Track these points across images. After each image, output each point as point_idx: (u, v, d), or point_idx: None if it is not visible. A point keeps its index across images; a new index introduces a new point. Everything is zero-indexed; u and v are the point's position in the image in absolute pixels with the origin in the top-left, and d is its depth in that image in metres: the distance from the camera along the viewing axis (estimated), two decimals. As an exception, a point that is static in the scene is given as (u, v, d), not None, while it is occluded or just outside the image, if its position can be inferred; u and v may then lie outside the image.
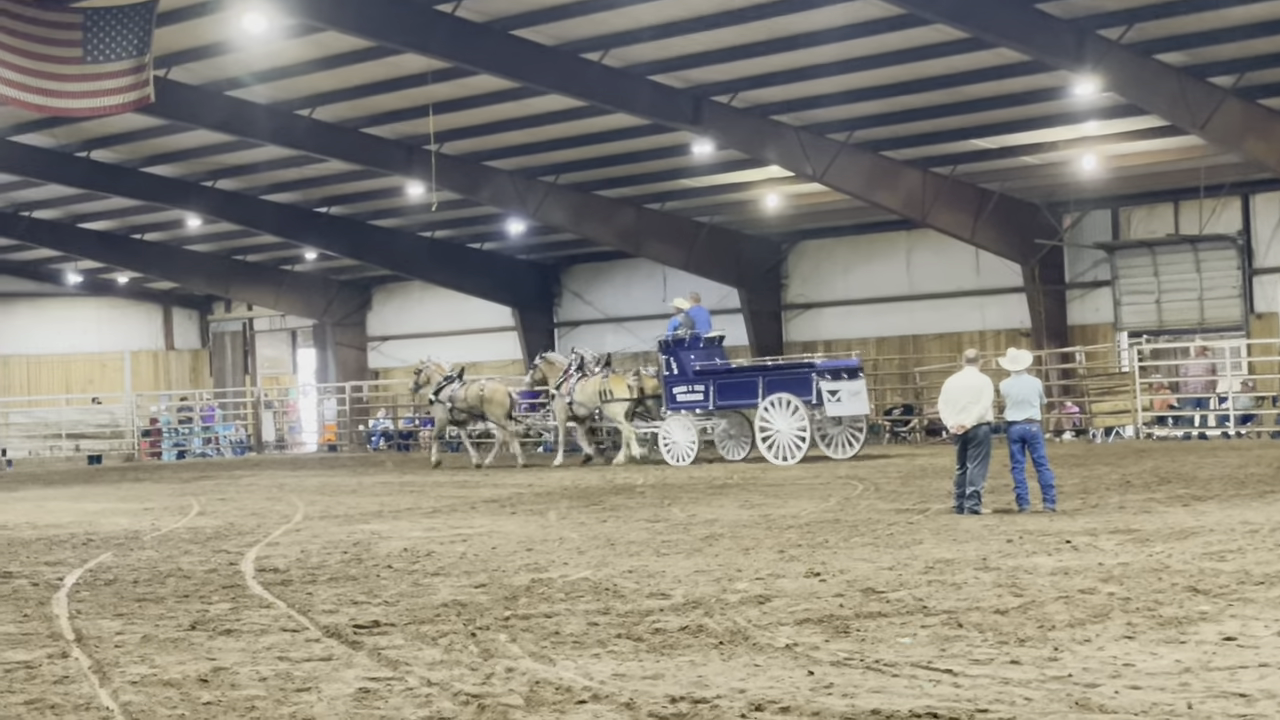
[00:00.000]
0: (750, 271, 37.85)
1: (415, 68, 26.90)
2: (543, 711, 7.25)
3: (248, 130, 30.15)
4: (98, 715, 7.51)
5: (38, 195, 38.39)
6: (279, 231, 39.25)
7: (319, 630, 9.73)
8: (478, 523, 16.97)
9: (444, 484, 24.19)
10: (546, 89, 27.18)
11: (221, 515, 19.43)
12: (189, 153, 33.78)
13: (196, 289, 48.28)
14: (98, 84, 24.10)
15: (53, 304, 48.33)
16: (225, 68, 27.65)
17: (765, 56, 25.91)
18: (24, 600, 11.69)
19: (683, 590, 10.88)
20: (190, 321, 51.58)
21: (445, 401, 29.89)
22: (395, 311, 46.46)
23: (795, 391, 25.63)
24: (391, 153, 31.85)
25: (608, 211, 35.94)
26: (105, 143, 33.09)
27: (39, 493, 26.68)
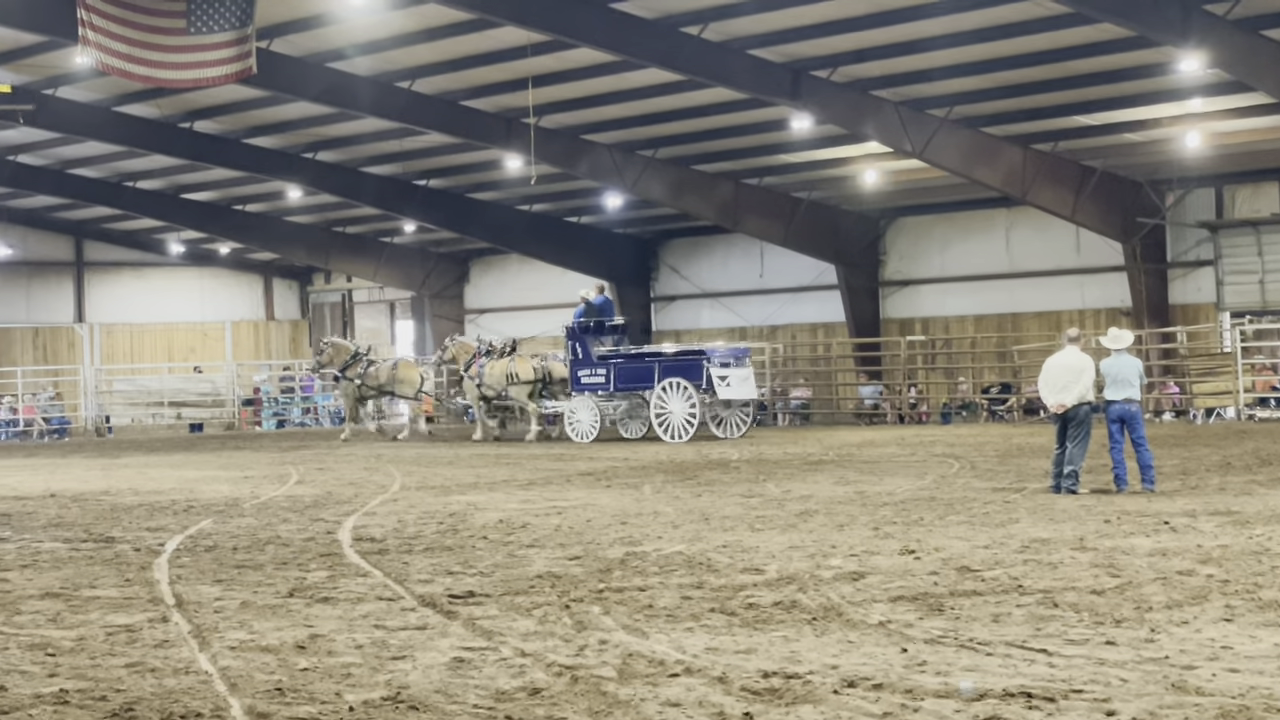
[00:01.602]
0: (848, 248, 37.67)
1: (515, 41, 26.96)
2: (635, 684, 7.25)
3: (348, 102, 30.37)
4: (196, 679, 7.60)
5: (142, 166, 38.94)
6: (379, 203, 39.52)
7: (414, 599, 9.80)
8: (573, 495, 17.02)
9: (540, 456, 24.29)
10: (646, 63, 27.14)
11: (320, 484, 19.63)
12: (290, 124, 34.09)
13: (297, 260, 48.77)
14: (201, 55, 24.41)
15: (156, 274, 49.03)
16: (327, 40, 27.86)
17: (865, 31, 25.73)
18: (126, 565, 11.87)
19: (776, 566, 10.86)
20: (290, 292, 52.14)
21: (355, 379, 31.52)
22: (493, 284, 46.68)
23: (688, 376, 27.47)
24: (491, 126, 31.96)
25: (706, 186, 35.87)
26: (208, 114, 33.47)
27: (142, 459, 27.09)
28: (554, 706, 6.88)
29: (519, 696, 7.09)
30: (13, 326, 46.35)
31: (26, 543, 13.70)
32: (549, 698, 7.04)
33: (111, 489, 19.83)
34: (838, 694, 6.95)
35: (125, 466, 25.04)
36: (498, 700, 7.03)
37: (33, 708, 7.08)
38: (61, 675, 7.76)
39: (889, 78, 28.11)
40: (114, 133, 34.25)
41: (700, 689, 7.12)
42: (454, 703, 7.01)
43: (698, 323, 42.01)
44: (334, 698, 7.14)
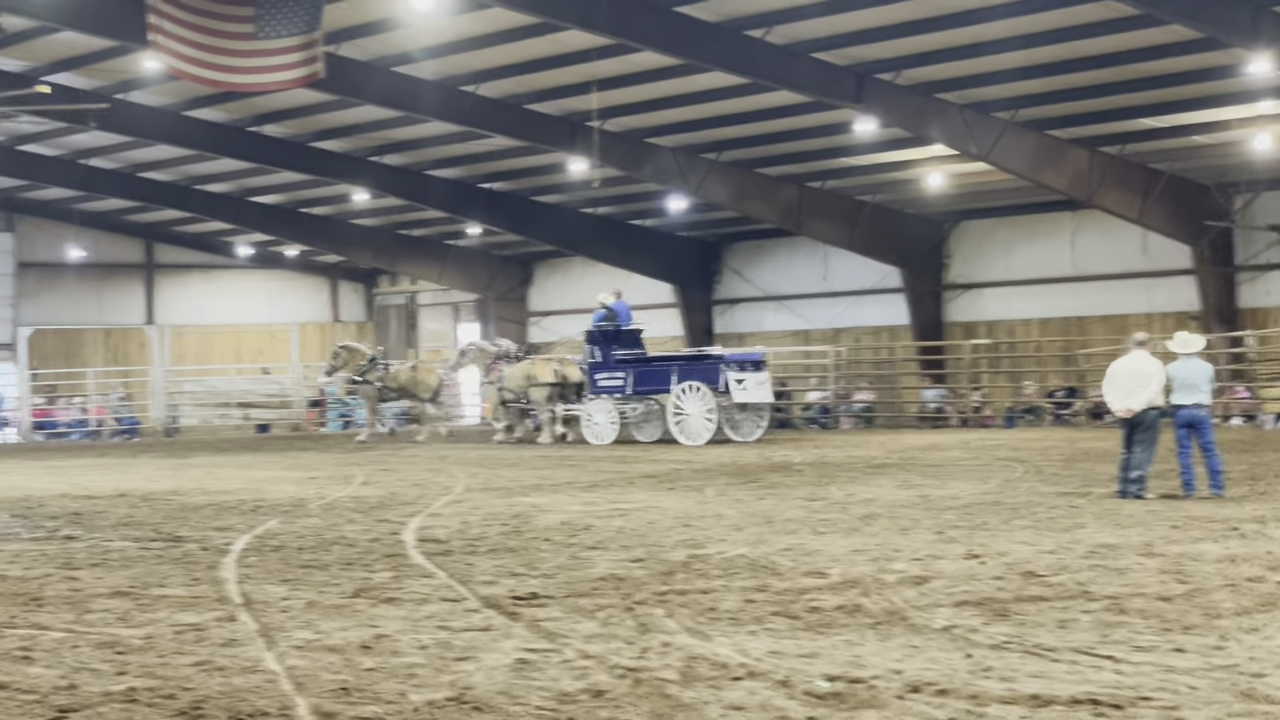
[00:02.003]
0: (912, 251, 37.52)
1: (580, 44, 27.03)
2: (698, 687, 7.26)
3: (414, 106, 30.53)
4: (263, 678, 7.67)
5: (210, 169, 39.31)
6: (443, 206, 39.71)
7: (478, 601, 9.84)
8: (635, 498, 17.03)
9: (602, 459, 24.32)
10: (710, 66, 27.14)
11: (384, 485, 19.73)
12: (356, 128, 34.31)
13: (362, 262, 49.07)
14: (269, 59, 24.62)
15: (224, 276, 49.47)
16: (393, 44, 28.02)
17: (930, 34, 25.62)
18: (194, 564, 11.98)
19: (840, 569, 10.83)
20: (356, 294, 52.47)
21: (375, 383, 32.12)
22: (556, 287, 46.78)
23: (705, 379, 27.78)
24: (555, 129, 32.05)
25: (769, 189, 35.83)
26: (275, 117, 33.75)
27: (209, 459, 27.33)
28: (617, 709, 6.90)
29: (582, 698, 7.11)
30: (84, 328, 46.87)
31: (96, 541, 13.86)
32: (612, 700, 7.06)
33: (180, 489, 20.01)
34: (901, 699, 6.93)
35: (194, 466, 25.26)
36: (560, 702, 7.05)
37: (102, 705, 7.16)
38: (130, 673, 7.85)
39: (954, 80, 27.99)
40: (183, 136, 34.59)
41: (763, 693, 7.12)
42: (517, 704, 7.04)
43: (761, 326, 41.95)
44: (399, 698, 7.19)
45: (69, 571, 11.74)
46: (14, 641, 8.79)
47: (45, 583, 11.16)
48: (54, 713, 7.07)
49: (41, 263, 46.05)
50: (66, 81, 30.85)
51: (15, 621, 9.50)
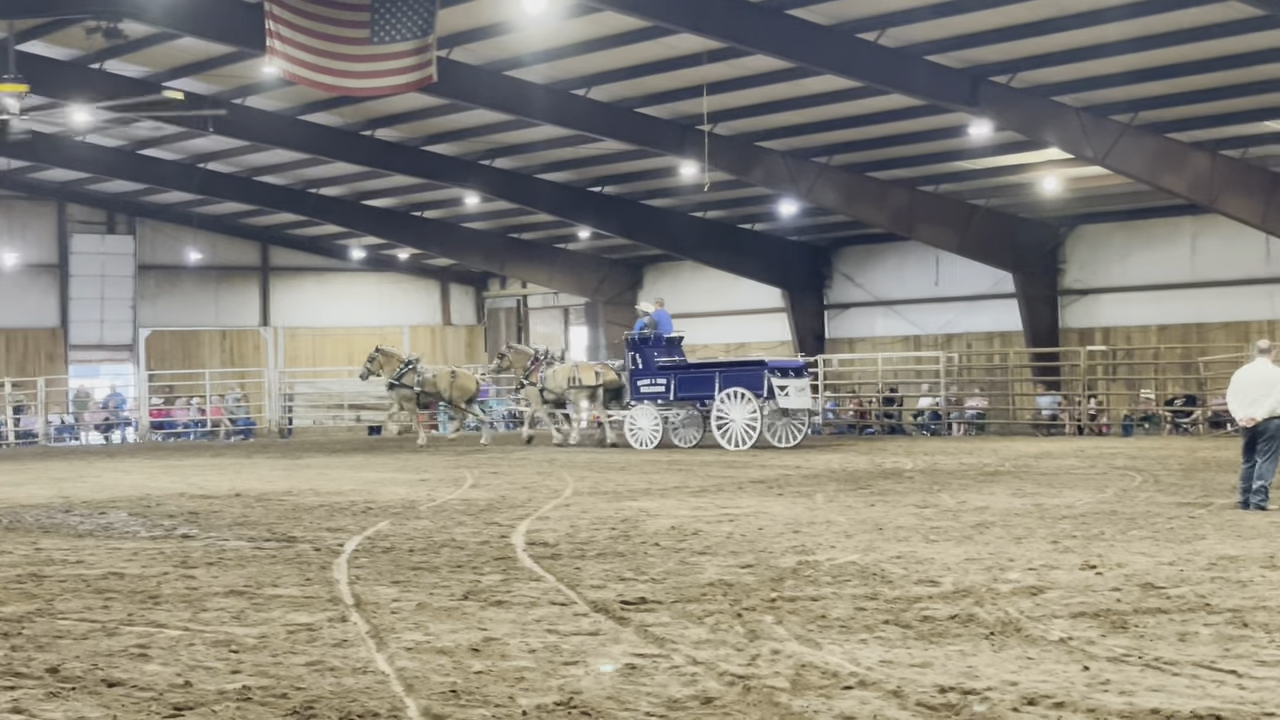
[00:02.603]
0: (1025, 256, 37.09)
1: (690, 48, 26.99)
2: (808, 695, 7.19)
3: (525, 110, 30.64)
4: (374, 679, 7.71)
5: (325, 173, 39.76)
6: (554, 210, 39.84)
7: (587, 605, 9.83)
8: (744, 503, 16.97)
9: (711, 463, 24.27)
10: (822, 69, 26.99)
11: (494, 488, 19.82)
12: (468, 132, 34.52)
13: (473, 266, 49.39)
14: (384, 64, 24.83)
15: (337, 279, 50.02)
16: (505, 48, 28.14)
17: (1046, 35, 25.28)
18: (307, 565, 12.09)
19: (952, 578, 10.71)
20: (467, 297, 52.83)
21: (413, 387, 32.36)
22: (666, 291, 46.64)
23: (749, 386, 28.27)
24: (665, 133, 32.04)
25: (880, 193, 35.58)
26: (389, 122, 34.05)
27: (322, 461, 27.61)
28: (726, 716, 6.85)
29: (691, 705, 7.07)
30: (201, 329, 47.58)
31: (212, 541, 14.03)
32: (721, 707, 7.01)
33: (294, 489, 20.23)
34: (1017, 711, 6.82)
35: (307, 467, 25.53)
36: (669, 708, 7.01)
37: (217, 703, 7.23)
38: (245, 672, 7.92)
39: (1070, 83, 27.60)
40: (299, 140, 35.00)
41: (875, 702, 7.04)
42: (626, 709, 7.01)
43: (871, 331, 41.68)
44: (507, 701, 7.19)
45: (185, 570, 11.90)
46: (131, 639, 8.92)
47: (163, 581, 11.32)
48: (170, 710, 7.15)
49: (160, 265, 46.82)
50: (186, 86, 31.29)
51: (133, 619, 9.63)
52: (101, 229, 45.91)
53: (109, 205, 45.59)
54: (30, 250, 44.27)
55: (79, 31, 28.01)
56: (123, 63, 30.51)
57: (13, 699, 7.44)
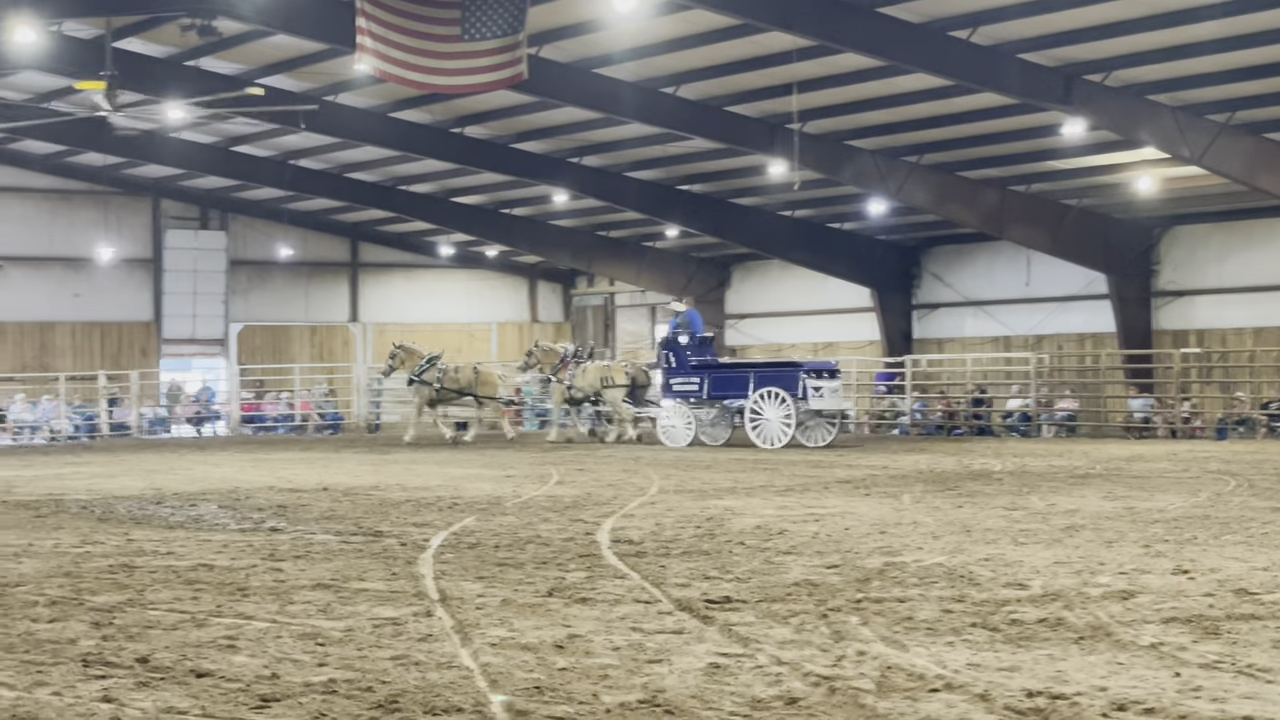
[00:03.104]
0: (1119, 257, 36.65)
1: (780, 46, 26.91)
2: (894, 698, 7.13)
3: (614, 108, 30.68)
4: (458, 674, 7.72)
5: (414, 170, 40.03)
6: (642, 208, 39.87)
7: (671, 603, 9.80)
8: (830, 503, 16.88)
9: (797, 463, 24.19)
10: (913, 68, 26.83)
11: (579, 485, 19.84)
12: (557, 129, 34.61)
13: (561, 263, 49.52)
14: (474, 61, 24.96)
15: (426, 275, 50.33)
16: (594, 45, 28.20)
17: (1142, 34, 24.98)
18: (393, 559, 12.15)
19: (1041, 581, 10.58)
20: (554, 295, 52.98)
21: (433, 383, 32.57)
22: (754, 290, 46.71)
23: (784, 386, 28.92)
24: (754, 131, 31.97)
25: (971, 192, 35.30)
26: (478, 119, 34.21)
27: (409, 456, 27.77)
28: (811, 717, 6.80)
29: (775, 705, 7.02)
30: (291, 325, 48.04)
31: (300, 534, 14.15)
32: (805, 708, 6.96)
33: (381, 484, 20.37)
34: (1106, 717, 6.72)
35: (393, 462, 25.69)
36: (754, 708, 6.97)
37: (303, 696, 7.27)
38: (330, 665, 7.96)
39: (1166, 82, 27.26)
40: (389, 137, 35.25)
41: (962, 706, 6.96)
42: (710, 709, 6.98)
43: (960, 331, 41.38)
44: (591, 699, 7.17)
45: (273, 563, 12.00)
46: (220, 630, 8.99)
47: (251, 573, 11.41)
48: (257, 701, 7.20)
49: (252, 261, 47.32)
50: (277, 84, 31.64)
51: (222, 610, 9.72)
52: (195, 224, 46.48)
53: (202, 201, 46.16)
54: (125, 245, 44.88)
55: (174, 29, 28.39)
56: (216, 60, 30.87)
57: (103, 688, 7.52)
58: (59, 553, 12.97)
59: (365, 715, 6.93)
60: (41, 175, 43.30)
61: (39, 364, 43.22)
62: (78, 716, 6.96)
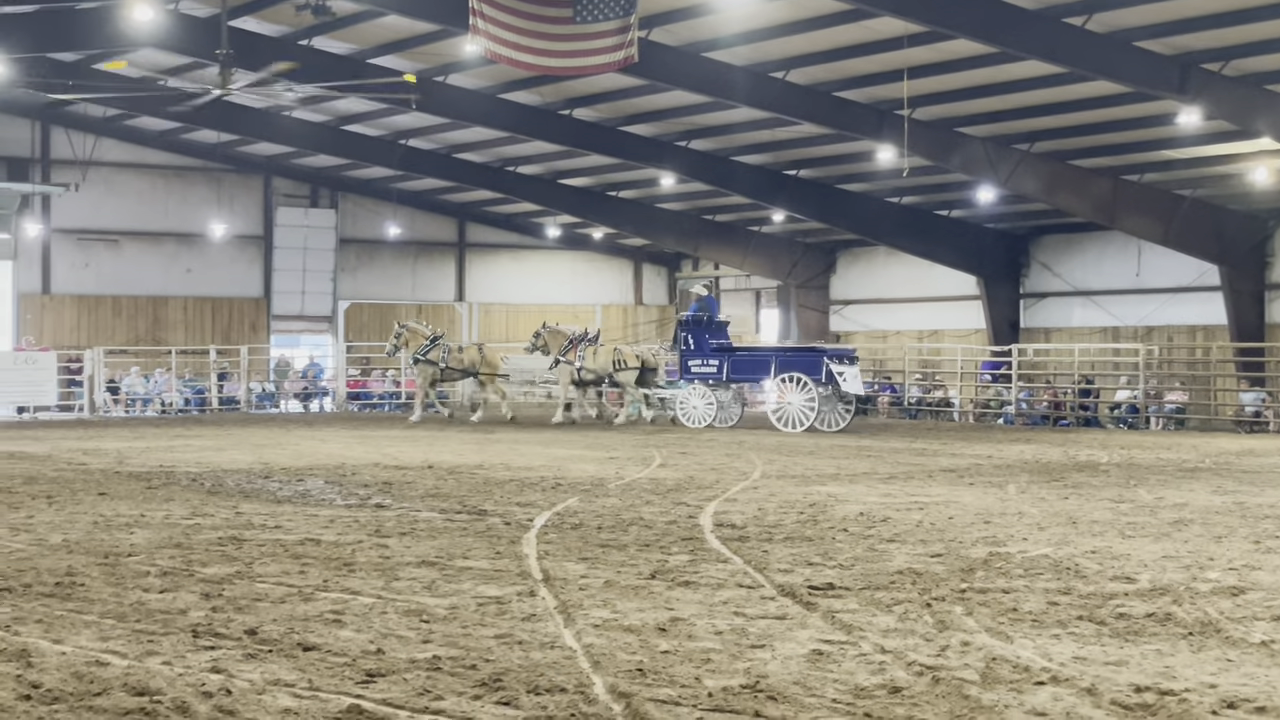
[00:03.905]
0: (1232, 248, 36.03)
1: (892, 31, 26.70)
2: (999, 689, 7.08)
3: (723, 92, 30.60)
4: (561, 655, 7.77)
5: (522, 151, 40.16)
6: (749, 193, 39.74)
7: (774, 588, 9.80)
8: (934, 491, 16.78)
9: (901, 450, 24.05)
10: (1026, 55, 26.51)
11: (682, 468, 19.87)
12: (665, 113, 34.59)
13: (666, 246, 49.52)
14: (585, 44, 25.01)
15: (532, 256, 50.53)
16: (704, 29, 28.13)
17: (1260, 22, 24.50)
18: (497, 538, 12.24)
19: (1149, 575, 10.46)
20: (659, 278, 53.00)
21: (438, 363, 33.28)
22: (859, 276, 46.44)
23: (807, 371, 29.83)
24: (863, 117, 31.75)
25: (1082, 181, 34.83)
26: (587, 101, 34.26)
27: (513, 436, 27.93)
28: (914, 707, 6.78)
29: (878, 694, 7.01)
30: (398, 303, 48.41)
31: (405, 511, 14.29)
32: (909, 697, 6.94)
33: (485, 463, 20.52)
34: (1216, 715, 6.64)
35: (498, 442, 25.86)
36: (856, 696, 6.96)
37: (407, 672, 7.35)
38: (435, 642, 8.04)
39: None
40: (498, 119, 35.40)
41: (1068, 699, 6.90)
42: (812, 695, 6.98)
43: (1069, 321, 40.90)
44: (693, 682, 7.19)
45: (379, 539, 12.13)
46: (326, 604, 9.11)
47: (357, 549, 11.55)
48: (362, 676, 7.29)
49: (360, 239, 47.74)
50: (390, 63, 31.89)
51: (328, 585, 9.85)
52: (305, 202, 46.98)
53: (312, 179, 46.63)
54: (237, 222, 45.45)
55: (289, 8, 28.71)
56: (329, 39, 31.16)
57: (212, 658, 7.65)
58: (170, 524, 13.20)
59: (469, 693, 6.99)
60: (157, 151, 43.98)
61: (152, 338, 43.91)
62: (187, 686, 7.08)
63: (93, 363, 37.93)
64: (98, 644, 8.00)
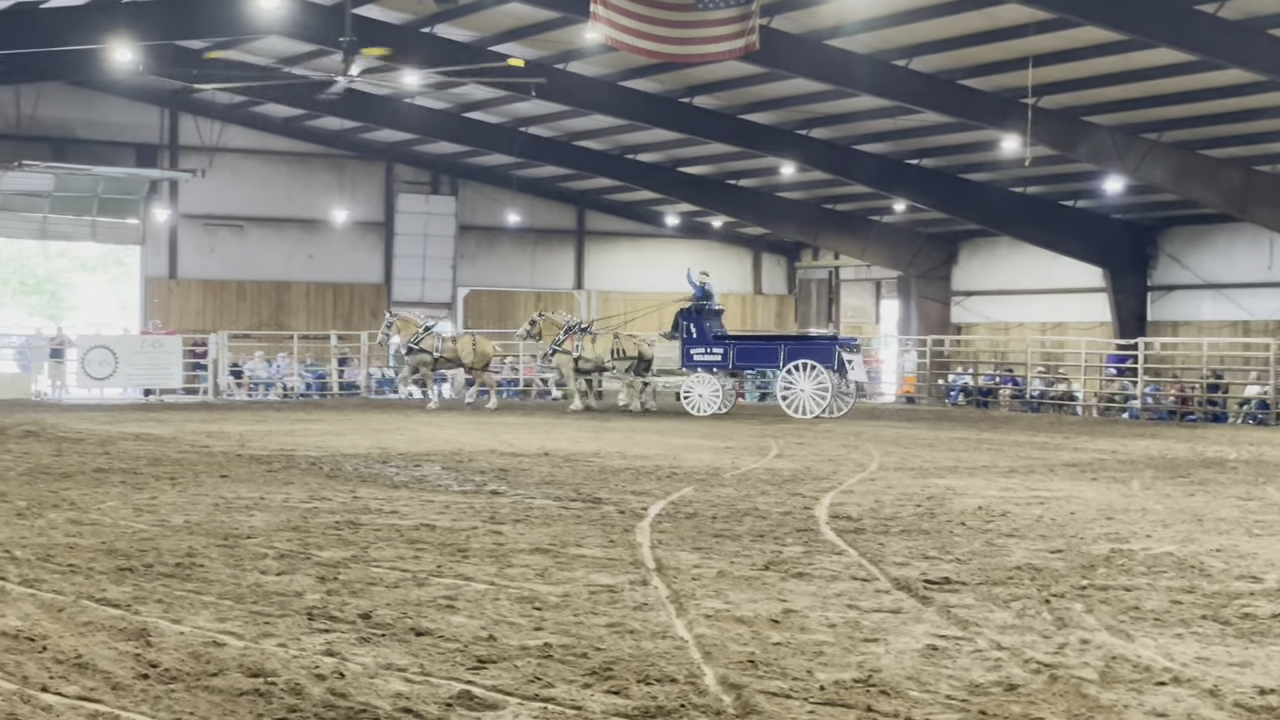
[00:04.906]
0: (1369, 241, 35.19)
1: (1017, 19, 26.34)
2: (1118, 689, 6.93)
3: (844, 80, 30.37)
4: (672, 645, 7.73)
5: (642, 139, 40.17)
6: (869, 182, 39.45)
7: (889, 582, 9.69)
8: (1056, 486, 16.53)
9: (1022, 444, 23.73)
10: (1155, 42, 26.02)
11: (798, 459, 19.75)
12: (786, 101, 34.40)
13: (786, 236, 49.30)
14: (707, 31, 24.93)
15: (650, 244, 50.52)
16: (826, 16, 27.93)
17: (1401, 8, 23.90)
18: (611, 527, 12.23)
19: (1276, 575, 10.20)
20: (778, 267, 52.79)
21: (433, 352, 33.64)
22: (981, 267, 45.94)
23: (819, 359, 30.49)
24: (987, 105, 31.35)
25: (1212, 172, 34.12)
26: (707, 89, 34.16)
27: (628, 424, 27.95)
28: (1030, 705, 6.65)
29: (993, 691, 6.89)
30: (517, 290, 48.68)
31: (520, 498, 14.33)
32: (1025, 695, 6.82)
33: (600, 451, 20.53)
34: (1344, 721, 6.45)
35: (613, 430, 25.88)
36: (971, 693, 6.85)
37: (519, 659, 7.35)
38: (546, 630, 8.03)
39: None
40: (618, 107, 35.43)
41: (1189, 700, 6.74)
42: (925, 691, 6.88)
43: (1197, 314, 40.13)
44: (805, 675, 7.12)
45: (493, 526, 12.17)
46: (440, 590, 9.14)
47: (471, 535, 11.59)
48: (474, 662, 7.29)
49: (480, 226, 48.01)
50: (511, 51, 31.96)
51: (442, 571, 9.88)
52: (426, 189, 47.35)
53: (433, 166, 46.98)
54: (359, 208, 45.92)
55: (412, -5, 28.93)
56: (452, 27, 31.35)
57: (326, 641, 7.70)
58: (288, 507, 13.34)
59: (579, 681, 6.97)
60: (281, 138, 44.55)
61: (274, 322, 44.51)
62: (301, 669, 7.13)
63: (217, 346, 38.51)
64: (215, 624, 8.08)
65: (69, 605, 8.55)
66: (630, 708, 6.54)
